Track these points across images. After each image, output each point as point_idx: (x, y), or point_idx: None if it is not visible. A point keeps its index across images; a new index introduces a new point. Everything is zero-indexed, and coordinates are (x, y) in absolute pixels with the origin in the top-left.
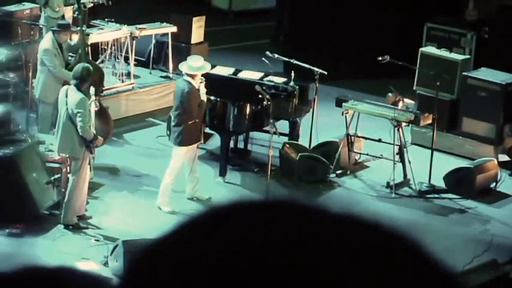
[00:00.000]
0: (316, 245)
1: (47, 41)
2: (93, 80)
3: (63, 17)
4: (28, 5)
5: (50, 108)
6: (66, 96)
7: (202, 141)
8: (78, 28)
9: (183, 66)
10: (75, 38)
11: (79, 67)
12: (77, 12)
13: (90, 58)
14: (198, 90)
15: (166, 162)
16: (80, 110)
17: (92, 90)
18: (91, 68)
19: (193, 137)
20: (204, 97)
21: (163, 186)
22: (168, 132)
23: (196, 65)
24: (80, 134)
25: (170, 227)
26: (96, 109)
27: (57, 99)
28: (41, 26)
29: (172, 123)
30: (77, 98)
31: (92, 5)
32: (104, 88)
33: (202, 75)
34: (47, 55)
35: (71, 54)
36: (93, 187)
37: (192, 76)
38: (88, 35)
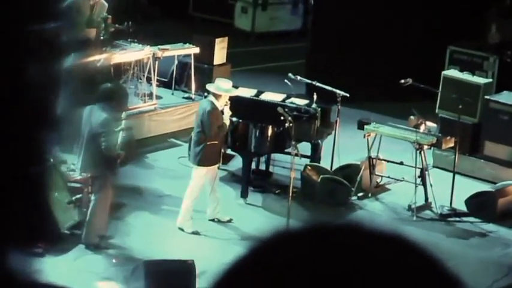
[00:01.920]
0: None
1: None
2: (118, 100)
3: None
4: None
5: (73, 128)
6: (90, 116)
7: (221, 163)
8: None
9: (211, 87)
10: (101, 58)
11: (104, 87)
12: (103, 32)
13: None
14: (222, 112)
15: (188, 183)
16: (104, 130)
17: (124, 114)
18: (115, 88)
19: (212, 158)
20: (227, 120)
21: (184, 207)
22: (190, 153)
23: (224, 87)
24: (104, 153)
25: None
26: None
27: (79, 119)
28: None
29: (192, 142)
30: (100, 118)
31: (113, 29)
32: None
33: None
34: (69, 74)
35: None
36: (114, 207)
37: (217, 97)
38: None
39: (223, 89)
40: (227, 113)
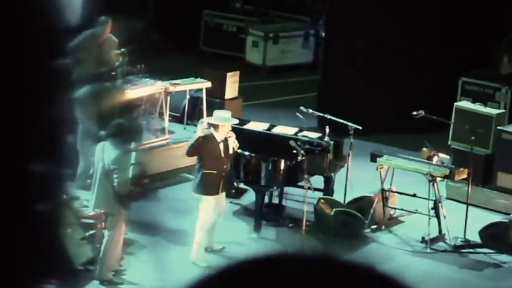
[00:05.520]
0: None
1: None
2: (131, 136)
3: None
4: None
5: (88, 164)
6: (103, 152)
7: (220, 191)
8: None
9: (210, 118)
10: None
11: (116, 123)
12: (119, 69)
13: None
14: (222, 142)
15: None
16: (116, 166)
17: (134, 145)
18: (128, 124)
19: (210, 188)
20: (230, 150)
21: (196, 241)
22: None
23: (221, 116)
24: (116, 189)
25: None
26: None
27: (91, 154)
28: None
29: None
30: (113, 154)
31: (127, 69)
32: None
33: (233, 129)
34: (82, 108)
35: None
36: (127, 242)
37: (216, 128)
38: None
39: (219, 118)
40: (233, 143)
